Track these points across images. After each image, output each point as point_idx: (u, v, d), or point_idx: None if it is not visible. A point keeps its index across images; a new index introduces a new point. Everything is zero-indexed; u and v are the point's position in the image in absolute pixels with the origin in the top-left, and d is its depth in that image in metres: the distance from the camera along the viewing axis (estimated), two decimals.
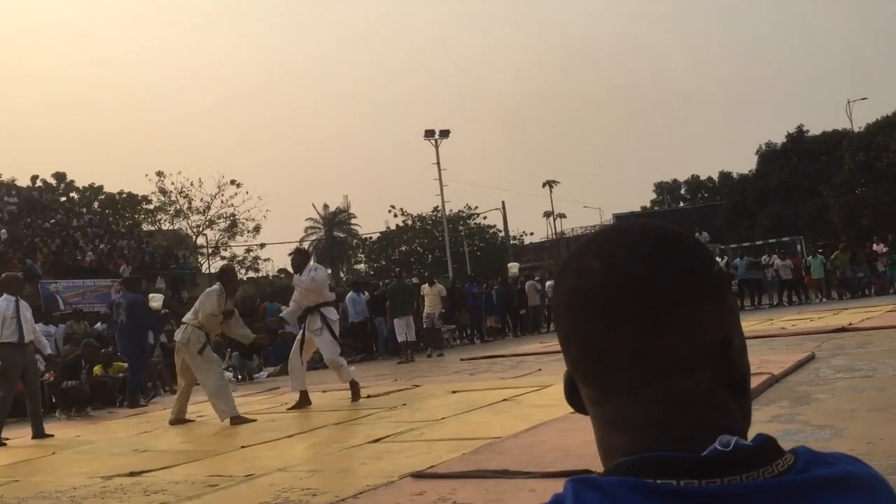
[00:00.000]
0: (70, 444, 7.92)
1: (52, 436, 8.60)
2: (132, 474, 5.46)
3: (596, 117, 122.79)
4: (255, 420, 7.94)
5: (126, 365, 12.78)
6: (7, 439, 8.57)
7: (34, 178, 39.15)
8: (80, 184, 44.35)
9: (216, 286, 8.74)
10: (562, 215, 66.98)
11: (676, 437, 0.69)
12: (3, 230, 28.98)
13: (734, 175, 48.50)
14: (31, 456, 7.28)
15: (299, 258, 9.42)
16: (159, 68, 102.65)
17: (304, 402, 8.71)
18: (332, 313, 9.08)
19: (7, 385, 8.67)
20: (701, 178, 62.42)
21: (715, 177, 57.64)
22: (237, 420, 7.86)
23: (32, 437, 8.54)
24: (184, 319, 8.72)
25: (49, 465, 6.55)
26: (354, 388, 8.81)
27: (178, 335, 8.68)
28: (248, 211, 43.72)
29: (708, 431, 0.69)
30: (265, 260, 49.03)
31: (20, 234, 27.32)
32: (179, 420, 8.55)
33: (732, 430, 0.70)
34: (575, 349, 0.73)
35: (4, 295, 8.81)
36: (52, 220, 31.12)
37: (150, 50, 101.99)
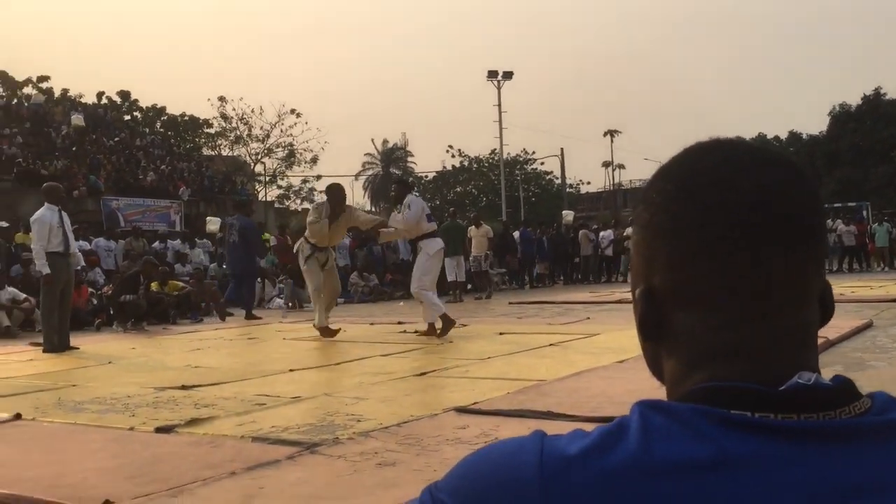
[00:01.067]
0: (125, 355, 8.18)
1: (78, 348, 8.72)
2: (184, 388, 5.63)
3: (661, 69, 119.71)
4: (339, 330, 8.76)
5: (181, 284, 13.21)
6: (76, 347, 8.78)
7: (100, 94, 39.69)
8: (143, 103, 44.96)
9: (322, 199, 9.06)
10: (621, 166, 66.28)
11: (761, 370, 0.67)
12: (76, 115, 29.65)
13: (804, 136, 47.07)
14: (87, 364, 7.54)
15: (399, 190, 9.05)
16: None
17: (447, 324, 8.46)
18: (429, 246, 8.70)
19: (51, 294, 8.67)
20: (768, 136, 60.73)
21: (783, 136, 56.00)
22: (324, 332, 8.64)
23: (44, 351, 8.61)
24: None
25: (105, 374, 6.78)
26: (431, 329, 8.53)
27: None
28: (307, 142, 44.04)
29: (793, 368, 0.67)
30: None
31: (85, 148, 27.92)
32: (326, 329, 8.81)
33: (813, 369, 0.68)
34: (691, 269, 0.68)
35: (46, 204, 8.81)
36: (117, 139, 31.68)
37: None
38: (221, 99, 42.81)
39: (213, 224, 21.06)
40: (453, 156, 48.94)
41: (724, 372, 0.67)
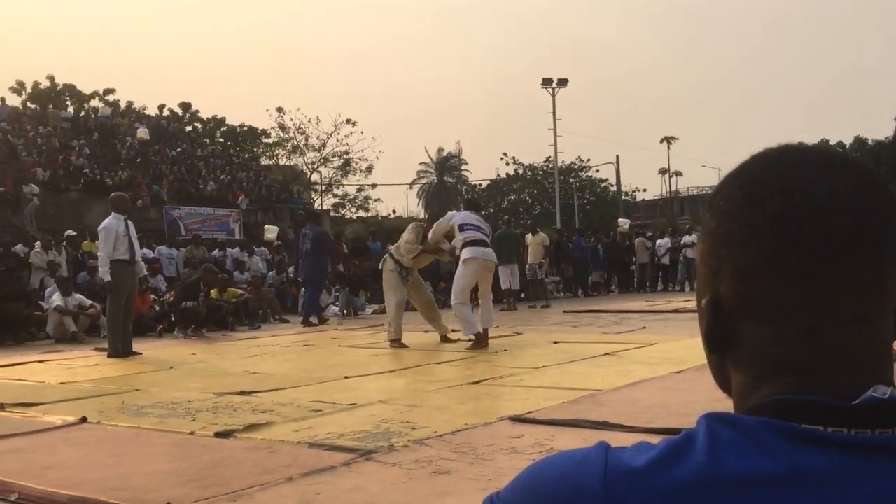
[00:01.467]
0: (186, 361, 8.36)
1: (140, 354, 8.88)
2: (242, 393, 5.73)
3: (719, 75, 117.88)
4: (406, 347, 8.58)
5: (239, 291, 13.51)
6: (139, 353, 8.98)
7: (161, 106, 40.75)
8: (204, 114, 45.98)
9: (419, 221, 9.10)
10: (678, 173, 65.13)
11: (833, 383, 0.64)
12: (142, 129, 30.49)
13: (869, 141, 45.78)
14: (150, 369, 7.72)
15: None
16: (288, 9, 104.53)
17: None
18: (463, 255, 8.61)
19: (116, 301, 8.87)
20: (831, 141, 59.27)
21: (847, 141, 54.58)
22: (395, 343, 8.63)
23: (108, 356, 8.77)
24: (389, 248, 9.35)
25: (166, 379, 6.93)
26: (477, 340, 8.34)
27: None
28: (362, 151, 44.45)
29: (868, 381, 0.64)
30: (375, 200, 49.86)
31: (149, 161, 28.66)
32: (444, 337, 9.04)
33: (889, 383, 0.65)
34: (762, 279, 0.66)
35: (113, 214, 9.05)
36: (178, 149, 32.44)
37: None
38: (279, 109, 43.57)
39: (270, 232, 21.40)
40: (507, 163, 48.91)
41: (794, 385, 0.65)
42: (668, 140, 65.46)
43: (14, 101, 37.08)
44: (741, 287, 0.67)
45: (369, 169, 45.28)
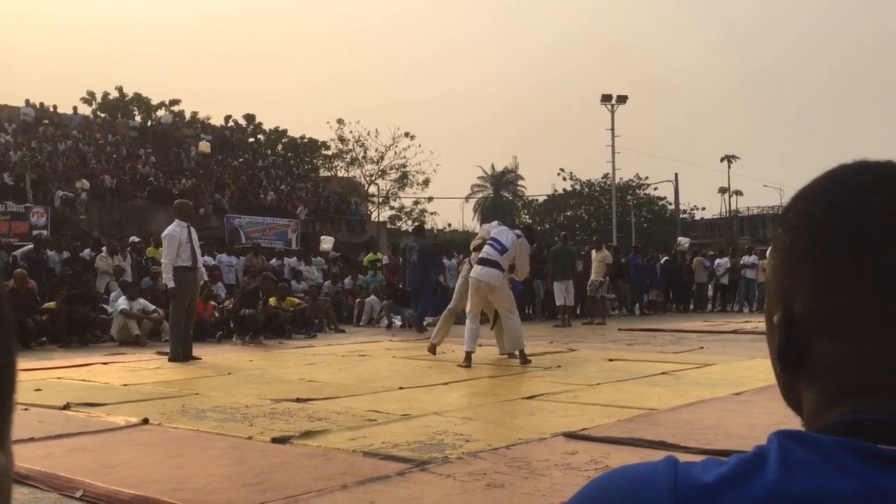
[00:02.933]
0: (244, 367, 8.49)
1: (200, 359, 9.01)
2: (298, 400, 5.80)
3: (783, 93, 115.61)
4: (529, 362, 8.12)
5: (297, 300, 13.73)
6: (199, 357, 9.14)
7: (227, 117, 41.67)
8: (266, 126, 46.86)
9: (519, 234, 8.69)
10: (738, 192, 63.98)
11: None
12: (203, 142, 31.23)
13: None
14: (209, 374, 7.87)
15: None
16: (349, 24, 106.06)
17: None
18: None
19: (179, 306, 9.05)
20: None
21: None
22: (517, 356, 8.27)
23: (170, 360, 8.93)
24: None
25: (225, 384, 7.06)
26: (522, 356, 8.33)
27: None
28: (419, 164, 44.77)
29: None
30: (431, 213, 50.09)
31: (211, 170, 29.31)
32: (508, 353, 8.58)
33: None
34: (839, 297, 0.65)
35: (177, 221, 9.26)
36: (241, 160, 33.10)
37: (346, 6, 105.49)
38: (339, 121, 44.17)
39: (326, 243, 21.66)
40: (564, 179, 48.64)
41: (870, 405, 0.64)
42: (729, 159, 64.44)
43: (85, 110, 38.34)
44: (817, 304, 0.66)
45: (426, 182, 45.62)
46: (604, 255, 17.06)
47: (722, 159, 64.52)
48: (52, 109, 31.41)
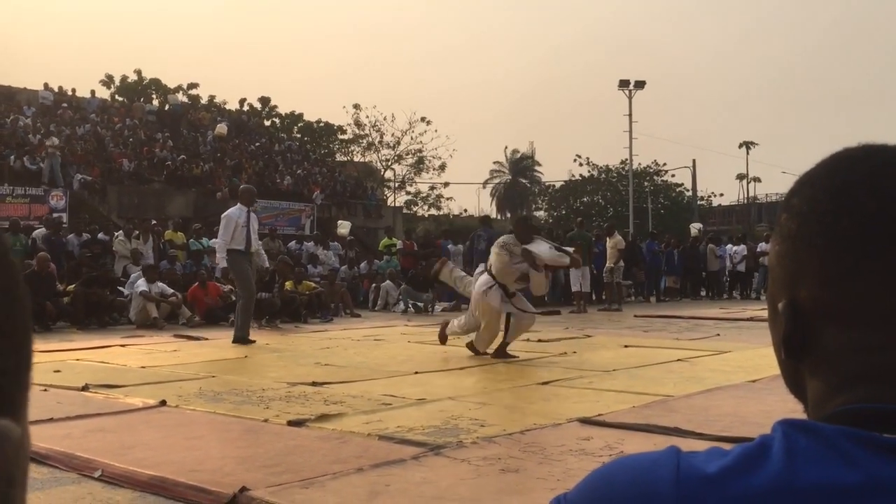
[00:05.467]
0: (260, 350, 8.55)
1: (254, 341, 9.12)
2: (314, 384, 5.84)
3: (802, 79, 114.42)
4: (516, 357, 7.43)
5: (313, 284, 13.81)
6: (253, 340, 9.18)
7: (242, 101, 41.69)
8: (282, 110, 46.87)
9: (508, 237, 7.68)
10: (756, 179, 63.54)
11: None
12: (220, 125, 31.34)
13: None
14: (226, 356, 7.93)
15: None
16: (367, 10, 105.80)
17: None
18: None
19: (245, 288, 9.26)
20: None
21: None
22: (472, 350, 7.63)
23: (233, 341, 9.09)
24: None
25: (241, 367, 7.11)
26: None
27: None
28: (436, 149, 44.73)
29: None
30: (448, 199, 50.06)
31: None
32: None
33: None
34: (847, 284, 0.64)
35: (238, 204, 9.43)
36: (257, 144, 33.17)
37: None
38: (356, 106, 44.15)
39: (343, 228, 21.69)
40: (581, 164, 48.43)
41: (875, 394, 0.63)
42: (748, 145, 63.95)
43: (103, 93, 38.49)
44: (824, 292, 0.65)
45: (442, 167, 45.54)
46: (616, 240, 17.00)
47: (740, 145, 64.06)
48: (70, 93, 31.57)
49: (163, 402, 5.06)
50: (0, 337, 0.28)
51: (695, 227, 23.98)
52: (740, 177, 63.74)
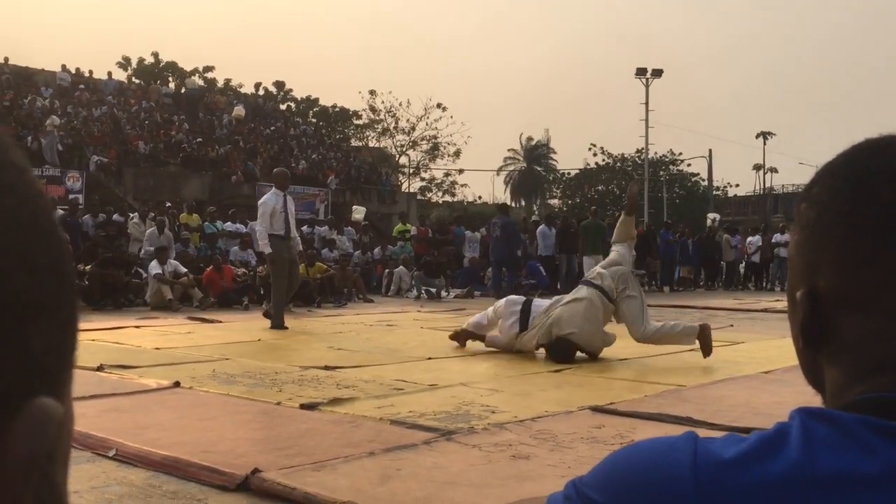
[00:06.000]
0: (273, 334, 8.59)
1: (287, 328, 8.82)
2: (327, 368, 5.86)
3: (821, 69, 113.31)
4: None
5: (325, 266, 13.94)
6: (286, 327, 8.91)
7: (258, 85, 41.77)
8: (297, 94, 46.92)
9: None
10: (773, 169, 63.13)
11: None
12: (238, 107, 31.42)
13: None
14: (239, 339, 7.97)
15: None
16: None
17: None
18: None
19: (279, 274, 9.04)
20: None
21: None
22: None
23: (271, 327, 8.86)
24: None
25: (253, 350, 7.14)
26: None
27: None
28: (451, 136, 44.66)
29: None
30: (462, 185, 50.04)
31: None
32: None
33: None
34: (866, 273, 0.64)
35: (274, 189, 9.32)
36: (273, 128, 33.22)
37: None
38: (371, 92, 44.14)
39: (358, 213, 21.72)
40: (595, 153, 48.25)
41: (894, 383, 0.63)
42: (765, 135, 63.49)
43: (120, 75, 38.63)
44: (843, 280, 0.65)
45: (457, 154, 45.56)
46: None
47: (757, 135, 63.62)
48: (87, 75, 31.69)
49: (177, 384, 5.09)
50: (46, 315, 0.28)
51: (713, 217, 23.85)
52: (757, 167, 63.36)
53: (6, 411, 0.26)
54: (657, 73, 36.61)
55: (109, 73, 33.39)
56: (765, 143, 63.33)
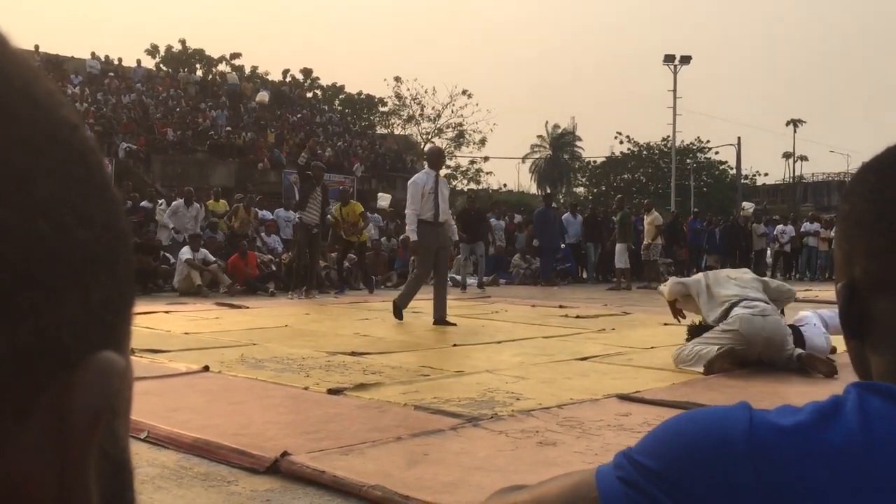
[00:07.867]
0: (300, 320, 8.65)
1: (455, 325, 8.01)
2: (353, 354, 5.90)
3: (853, 56, 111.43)
4: None
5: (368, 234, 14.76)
6: (402, 319, 8.30)
7: (285, 72, 41.87)
8: (324, 82, 47.01)
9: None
10: (803, 158, 62.30)
11: None
12: (262, 93, 31.52)
13: None
14: (265, 325, 8.04)
15: None
16: None
17: None
18: None
19: (423, 263, 8.29)
20: None
21: None
22: None
23: (434, 323, 8.10)
24: None
25: (281, 336, 7.20)
26: None
27: None
28: (476, 123, 44.55)
29: None
30: (487, 173, 49.93)
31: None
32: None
33: None
34: (892, 258, 0.66)
35: (426, 168, 8.45)
36: (299, 115, 33.33)
37: None
38: (397, 79, 44.11)
39: (383, 200, 21.74)
40: (622, 142, 47.88)
41: None
42: (795, 123, 62.67)
43: (148, 62, 38.91)
44: (873, 266, 0.67)
45: (482, 141, 45.40)
46: (653, 217, 16.85)
47: (787, 123, 62.82)
48: (116, 62, 31.97)
49: (206, 368, 5.15)
50: (105, 272, 0.29)
51: (748, 206, 23.38)
52: (786, 155, 62.59)
53: (70, 365, 0.27)
54: (685, 59, 36.20)
55: (138, 61, 33.66)
56: (795, 131, 62.56)
